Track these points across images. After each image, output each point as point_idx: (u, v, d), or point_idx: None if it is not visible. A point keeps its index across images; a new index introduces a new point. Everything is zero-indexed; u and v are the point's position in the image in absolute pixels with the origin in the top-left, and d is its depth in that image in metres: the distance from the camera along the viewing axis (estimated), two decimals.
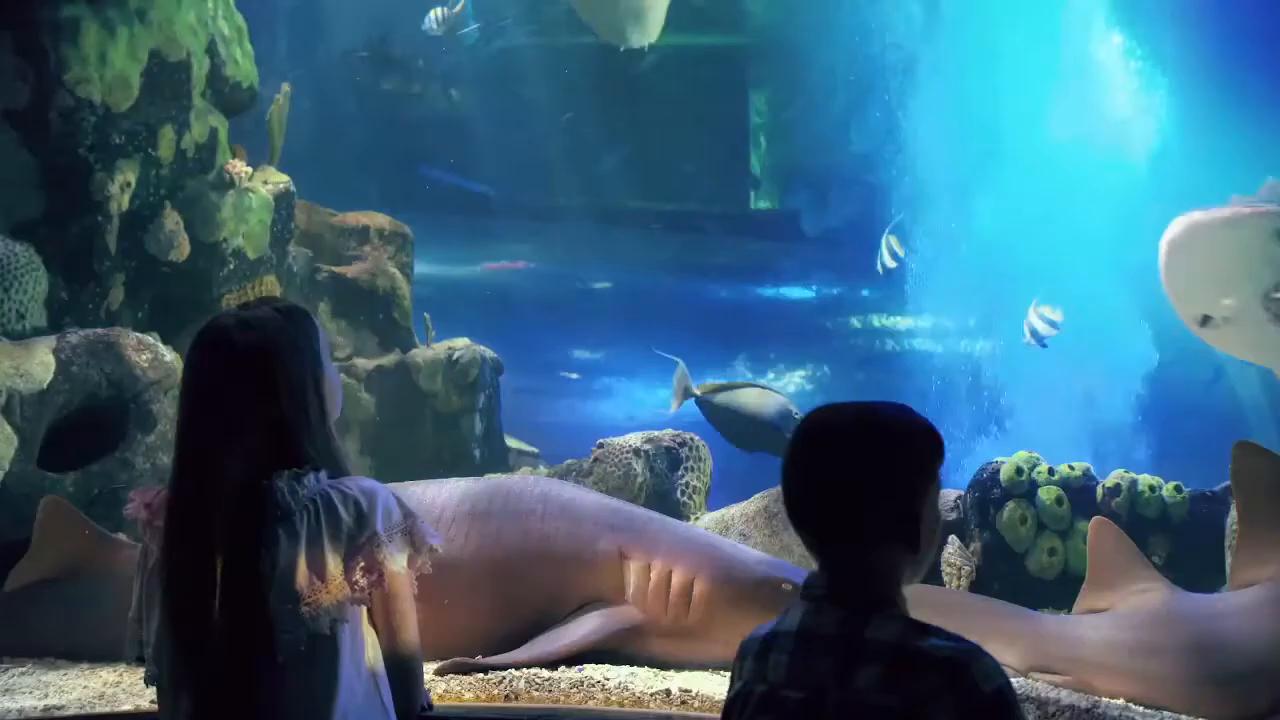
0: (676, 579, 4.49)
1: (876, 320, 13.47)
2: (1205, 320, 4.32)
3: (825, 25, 12.36)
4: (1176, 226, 4.11)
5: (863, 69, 12.63)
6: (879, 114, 12.63)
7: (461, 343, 8.28)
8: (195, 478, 2.31)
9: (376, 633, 2.41)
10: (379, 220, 8.75)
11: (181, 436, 2.38)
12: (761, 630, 2.04)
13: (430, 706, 2.57)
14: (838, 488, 1.94)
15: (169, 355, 5.79)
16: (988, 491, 5.89)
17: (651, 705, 3.94)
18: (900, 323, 13.30)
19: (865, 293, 13.34)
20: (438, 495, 4.73)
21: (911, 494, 1.95)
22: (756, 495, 6.24)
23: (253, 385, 2.33)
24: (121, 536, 5.01)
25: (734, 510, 6.24)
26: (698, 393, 8.00)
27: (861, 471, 1.93)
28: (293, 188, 7.44)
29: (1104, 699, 4.20)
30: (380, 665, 2.39)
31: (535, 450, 9.13)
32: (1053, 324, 9.10)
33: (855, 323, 13.50)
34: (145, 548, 2.42)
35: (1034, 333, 9.15)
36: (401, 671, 2.43)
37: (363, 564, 2.32)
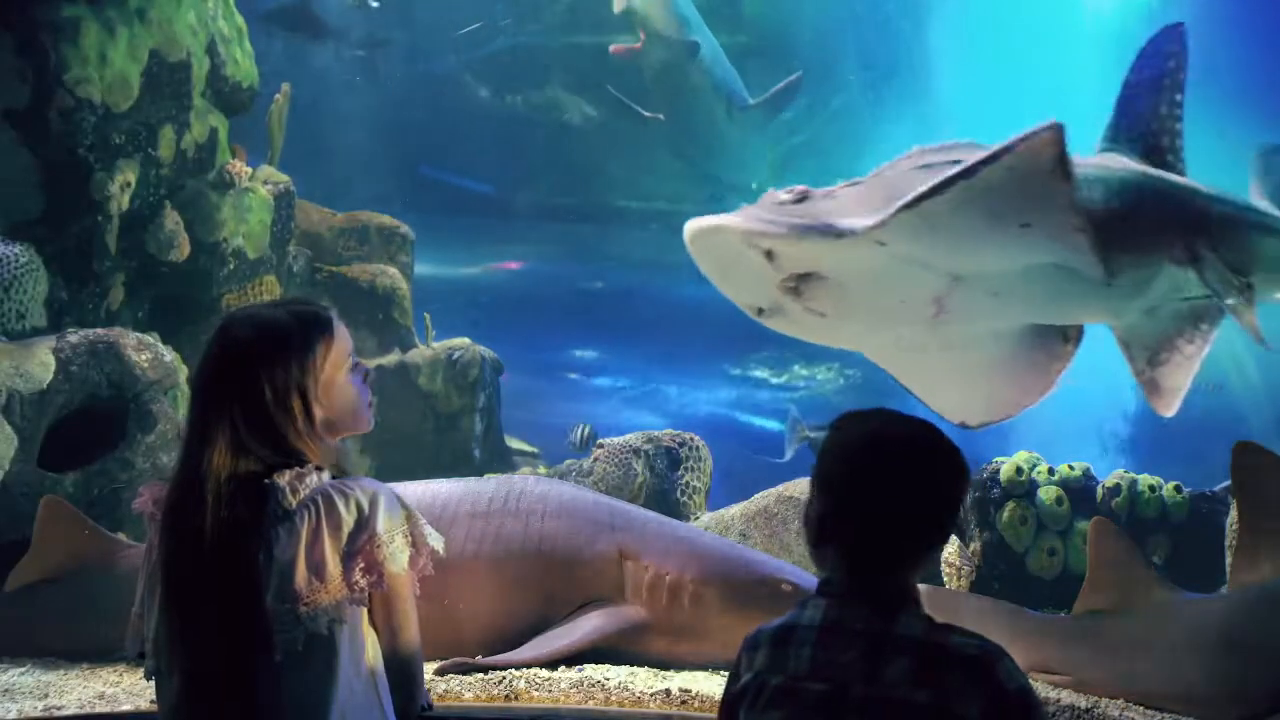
0: (676, 579, 4.49)
1: None
2: (760, 311, 4.34)
3: (825, 25, 12.37)
4: (686, 229, 4.14)
5: (862, 67, 12.65)
6: (876, 114, 12.64)
7: (461, 343, 8.28)
8: (187, 468, 2.33)
9: (377, 633, 2.41)
10: (379, 220, 8.76)
11: (184, 428, 2.42)
12: (771, 624, 2.06)
13: (430, 706, 2.57)
14: (890, 502, 1.99)
15: (169, 355, 5.78)
16: (988, 491, 5.89)
17: (651, 705, 3.94)
18: None
19: None
20: (438, 495, 4.73)
21: (952, 511, 2.04)
22: (756, 495, 6.23)
23: (239, 380, 2.35)
24: (121, 536, 5.01)
25: (734, 510, 6.24)
26: (811, 436, 8.08)
27: (914, 489, 2.00)
28: (293, 188, 7.45)
29: (1104, 699, 4.20)
30: (380, 665, 2.39)
31: (535, 450, 9.14)
32: None
33: None
34: (150, 543, 2.43)
35: None
36: (402, 672, 2.43)
37: (362, 564, 2.32)
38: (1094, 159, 4.32)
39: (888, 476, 2.00)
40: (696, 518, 6.43)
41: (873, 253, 3.95)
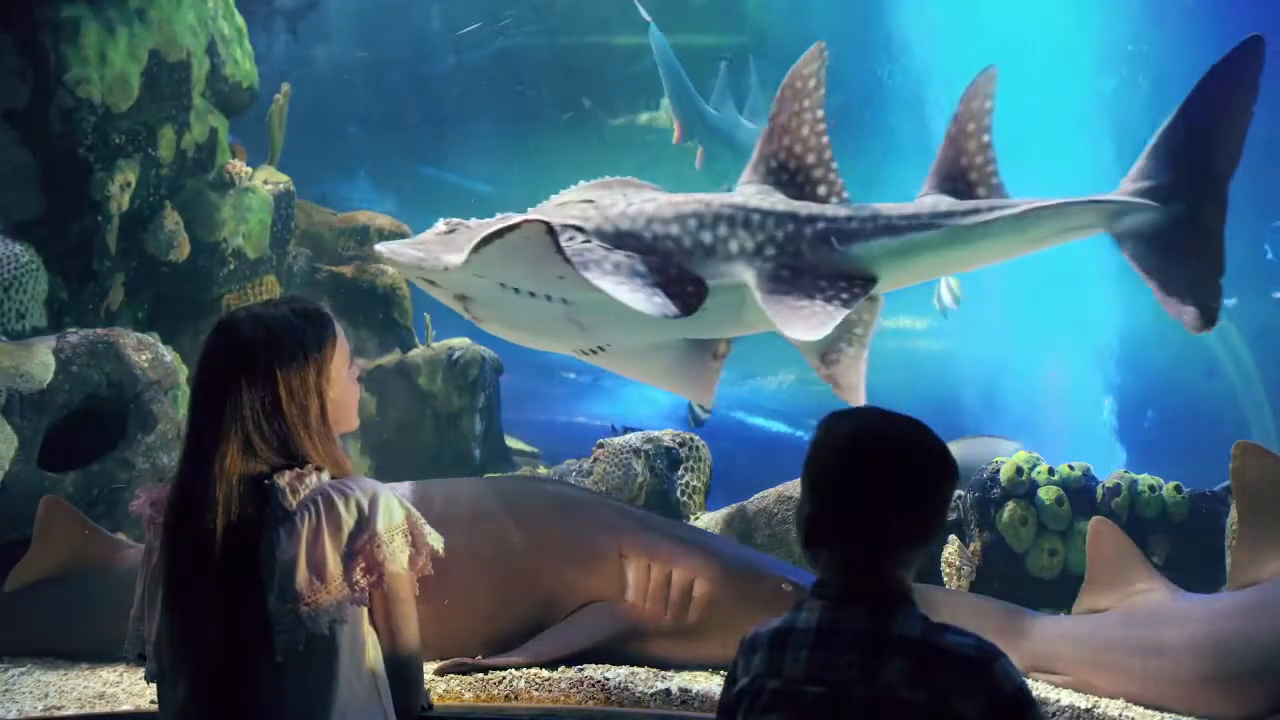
0: (676, 579, 4.49)
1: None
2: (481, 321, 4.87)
3: (825, 25, 12.37)
4: None
5: (864, 67, 12.66)
6: (876, 113, 12.64)
7: (461, 342, 8.27)
8: (195, 469, 2.32)
9: (377, 633, 2.40)
10: (379, 220, 8.76)
11: (187, 428, 2.40)
12: (767, 626, 2.06)
13: (430, 706, 2.57)
14: (878, 501, 1.98)
15: (169, 355, 5.78)
16: (987, 491, 5.89)
17: (651, 705, 3.95)
18: (896, 323, 13.29)
19: None
20: (438, 495, 4.73)
21: (941, 509, 2.04)
22: (756, 495, 6.23)
23: (253, 381, 2.34)
24: (121, 536, 5.01)
25: (734, 510, 6.23)
26: None
27: (902, 488, 1.99)
28: (293, 188, 7.45)
29: (1104, 699, 4.20)
30: (380, 665, 2.39)
31: (535, 450, 9.13)
32: (956, 299, 9.42)
33: None
34: (149, 545, 2.42)
35: (941, 302, 9.40)
36: (401, 672, 2.43)
37: (363, 564, 2.32)
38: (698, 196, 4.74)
39: (875, 475, 1.99)
40: (696, 518, 6.42)
41: (481, 281, 4.45)
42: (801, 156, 4.79)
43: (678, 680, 4.17)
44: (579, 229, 4.60)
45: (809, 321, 4.33)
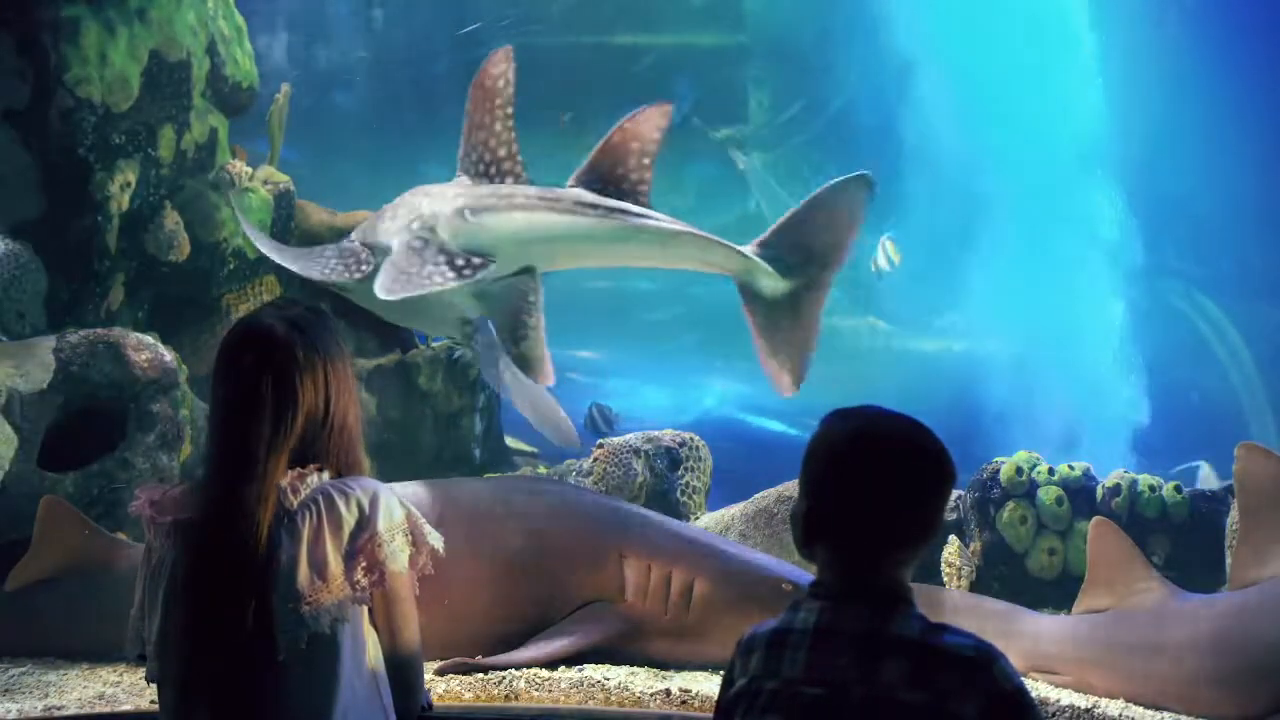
0: (676, 579, 4.49)
1: (870, 320, 13.42)
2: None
3: (825, 26, 12.37)
4: None
5: (863, 68, 12.65)
6: (874, 115, 12.63)
7: None
8: (237, 474, 2.30)
9: (377, 632, 2.40)
10: None
11: (223, 435, 2.36)
12: (764, 627, 2.05)
13: (430, 706, 2.57)
14: (877, 501, 1.98)
15: (169, 355, 5.77)
16: (987, 491, 5.89)
17: (651, 705, 3.95)
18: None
19: (859, 292, 13.30)
20: (438, 495, 4.73)
21: (939, 509, 2.03)
22: (756, 495, 6.24)
23: (310, 386, 2.33)
24: (121, 536, 5.01)
25: (734, 510, 6.24)
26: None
27: (901, 487, 1.99)
28: (293, 187, 7.44)
29: (1104, 699, 4.21)
30: (381, 665, 2.39)
31: (535, 450, 9.12)
32: (891, 262, 9.56)
33: (849, 322, 13.47)
34: (149, 545, 2.42)
35: (876, 264, 9.52)
36: (402, 671, 2.43)
37: (364, 563, 2.32)
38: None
39: (875, 475, 1.98)
40: (696, 518, 6.42)
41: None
42: (495, 150, 5.29)
43: (678, 680, 4.17)
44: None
45: (393, 280, 4.81)
